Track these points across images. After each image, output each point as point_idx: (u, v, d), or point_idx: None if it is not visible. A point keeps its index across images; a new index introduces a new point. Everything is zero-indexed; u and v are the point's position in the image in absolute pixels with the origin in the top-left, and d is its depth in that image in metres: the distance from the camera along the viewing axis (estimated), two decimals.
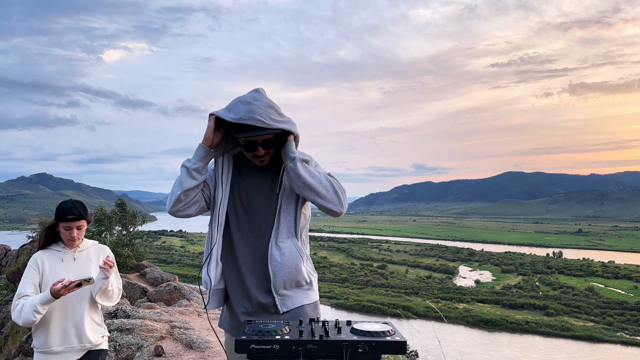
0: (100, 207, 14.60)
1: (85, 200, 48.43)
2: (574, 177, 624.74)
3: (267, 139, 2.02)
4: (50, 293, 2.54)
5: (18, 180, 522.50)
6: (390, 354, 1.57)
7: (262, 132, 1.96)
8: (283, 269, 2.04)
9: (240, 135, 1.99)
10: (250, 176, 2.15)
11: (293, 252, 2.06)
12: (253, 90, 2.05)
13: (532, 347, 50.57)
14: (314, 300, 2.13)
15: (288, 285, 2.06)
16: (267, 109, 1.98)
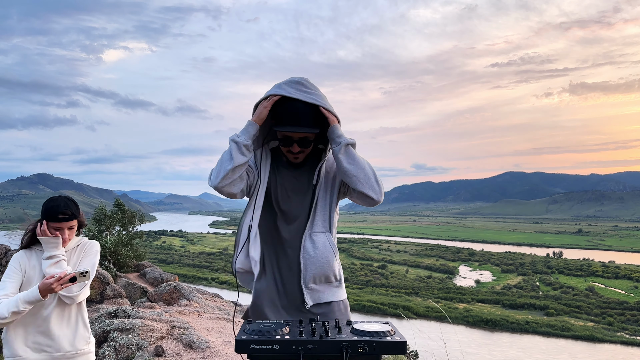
0: (101, 207, 14.58)
1: (85, 200, 48.56)
2: (574, 177, 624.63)
3: (304, 137, 2.00)
4: (38, 290, 2.23)
5: (18, 180, 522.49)
6: (391, 354, 1.57)
7: (300, 129, 1.95)
8: (315, 263, 2.02)
9: (279, 129, 1.98)
10: (287, 169, 2.14)
11: (326, 247, 2.05)
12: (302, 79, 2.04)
13: (534, 347, 50.54)
14: (342, 298, 2.12)
15: (317, 280, 2.04)
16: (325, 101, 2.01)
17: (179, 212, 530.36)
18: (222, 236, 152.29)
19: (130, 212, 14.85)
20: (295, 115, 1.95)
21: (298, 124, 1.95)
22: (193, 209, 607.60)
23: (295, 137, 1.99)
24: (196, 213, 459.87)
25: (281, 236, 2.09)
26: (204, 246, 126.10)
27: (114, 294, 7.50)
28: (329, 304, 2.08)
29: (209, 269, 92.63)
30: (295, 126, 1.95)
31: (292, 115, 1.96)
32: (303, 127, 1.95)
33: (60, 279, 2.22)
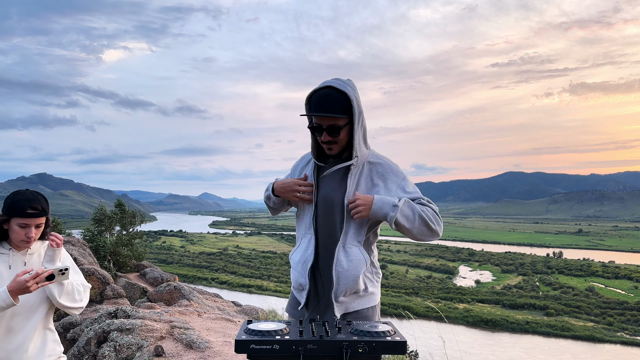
0: (101, 207, 14.58)
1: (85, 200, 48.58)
2: (574, 177, 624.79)
3: (332, 124, 2.00)
4: (8, 291, 1.90)
5: (18, 180, 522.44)
6: (391, 354, 1.57)
7: (325, 114, 1.97)
8: (348, 277, 2.05)
9: (308, 114, 2.04)
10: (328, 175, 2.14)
11: (360, 260, 2.08)
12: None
13: (536, 347, 50.51)
14: (370, 305, 2.16)
15: (347, 293, 2.07)
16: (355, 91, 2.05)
17: (179, 212, 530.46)
18: (222, 236, 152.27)
19: (131, 212, 14.85)
20: (324, 101, 1.98)
21: (324, 110, 1.97)
22: (193, 209, 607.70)
23: (324, 124, 2.00)
24: (196, 213, 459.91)
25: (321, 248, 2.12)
26: (204, 246, 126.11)
27: (114, 294, 7.50)
28: (356, 312, 2.13)
29: (209, 269, 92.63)
30: (321, 111, 1.97)
31: (320, 100, 1.98)
32: (329, 112, 1.96)
33: (37, 276, 1.94)
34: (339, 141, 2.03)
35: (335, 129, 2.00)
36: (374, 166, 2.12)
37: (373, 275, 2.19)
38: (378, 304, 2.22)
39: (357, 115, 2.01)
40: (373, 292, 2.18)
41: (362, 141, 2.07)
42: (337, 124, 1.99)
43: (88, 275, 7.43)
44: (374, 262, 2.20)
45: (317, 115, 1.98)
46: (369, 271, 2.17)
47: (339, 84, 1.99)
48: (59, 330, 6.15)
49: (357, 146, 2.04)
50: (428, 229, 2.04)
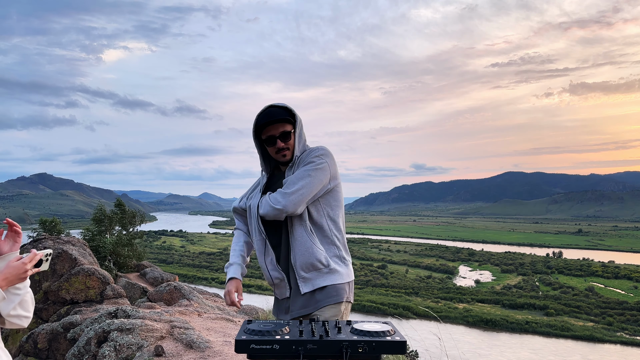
0: (100, 207, 14.58)
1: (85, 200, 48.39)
2: (574, 177, 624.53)
3: (283, 131, 2.31)
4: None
5: (18, 180, 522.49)
6: (390, 353, 1.57)
7: (275, 121, 2.28)
8: (301, 250, 2.30)
9: (261, 129, 2.32)
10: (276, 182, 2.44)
11: (304, 236, 2.30)
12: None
13: (544, 348, 50.49)
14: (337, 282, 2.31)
15: (306, 268, 2.29)
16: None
17: (179, 212, 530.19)
18: (222, 236, 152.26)
19: (131, 212, 14.85)
20: (269, 114, 2.30)
21: (273, 117, 2.28)
22: (193, 209, 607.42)
23: (276, 132, 2.30)
24: (196, 213, 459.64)
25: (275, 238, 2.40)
26: (204, 246, 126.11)
27: (114, 294, 7.50)
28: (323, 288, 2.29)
29: (209, 269, 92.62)
30: (271, 121, 2.28)
31: (265, 115, 2.31)
32: (278, 118, 2.28)
33: (33, 259, 1.81)
34: (290, 146, 2.34)
35: (286, 134, 2.31)
36: (302, 158, 2.36)
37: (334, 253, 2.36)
38: (348, 282, 2.36)
39: (299, 122, 2.36)
40: (337, 270, 2.32)
41: (302, 146, 2.38)
42: (286, 129, 2.31)
43: (88, 275, 7.44)
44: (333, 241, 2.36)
45: (271, 123, 2.29)
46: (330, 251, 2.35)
47: (278, 103, 2.35)
48: (59, 330, 6.16)
49: (297, 149, 2.35)
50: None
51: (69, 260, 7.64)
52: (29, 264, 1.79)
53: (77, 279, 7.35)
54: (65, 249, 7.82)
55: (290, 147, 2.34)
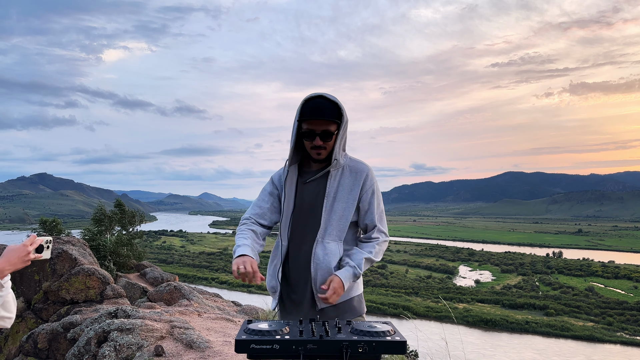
0: (100, 207, 14.57)
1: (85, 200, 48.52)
2: (574, 177, 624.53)
3: (326, 130, 2.17)
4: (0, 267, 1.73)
5: (18, 180, 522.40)
6: (391, 353, 1.57)
7: (322, 118, 2.13)
8: (323, 268, 2.20)
9: (302, 119, 2.16)
10: (308, 181, 2.31)
11: (335, 253, 2.23)
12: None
13: (547, 349, 50.47)
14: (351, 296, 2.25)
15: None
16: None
17: (179, 212, 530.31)
18: (222, 236, 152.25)
19: (131, 212, 14.84)
20: (317, 108, 2.15)
21: (320, 115, 2.14)
22: (193, 209, 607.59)
23: (317, 129, 2.16)
24: (196, 213, 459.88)
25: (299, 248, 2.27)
26: (204, 246, 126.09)
27: (114, 294, 7.50)
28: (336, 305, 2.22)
29: (209, 269, 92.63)
30: (317, 116, 2.13)
31: (314, 107, 2.15)
32: (325, 117, 2.14)
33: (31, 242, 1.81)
34: (327, 147, 2.20)
35: (328, 134, 2.17)
36: (352, 170, 2.28)
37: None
38: (360, 294, 2.33)
39: (344, 123, 2.20)
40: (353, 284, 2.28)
41: (342, 148, 2.25)
42: (330, 129, 2.17)
43: (88, 275, 7.44)
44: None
45: (315, 119, 2.14)
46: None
47: (329, 95, 2.18)
48: (59, 330, 6.16)
49: (337, 150, 2.21)
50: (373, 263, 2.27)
51: (69, 260, 7.64)
52: (30, 247, 1.78)
53: (77, 279, 7.35)
54: (65, 249, 7.82)
55: (328, 147, 2.21)
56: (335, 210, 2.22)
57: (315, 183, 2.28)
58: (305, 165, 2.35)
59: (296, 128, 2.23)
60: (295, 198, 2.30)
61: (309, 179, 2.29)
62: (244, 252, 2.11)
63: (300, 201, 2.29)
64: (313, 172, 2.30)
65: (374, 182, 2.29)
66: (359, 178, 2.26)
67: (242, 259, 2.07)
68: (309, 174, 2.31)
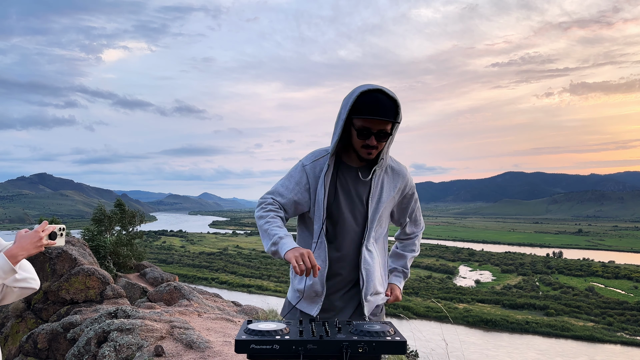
0: (100, 207, 14.57)
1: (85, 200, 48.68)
2: (574, 177, 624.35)
3: (383, 129, 1.97)
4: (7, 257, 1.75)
5: (18, 180, 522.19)
6: (391, 354, 1.57)
7: (381, 117, 1.92)
8: (374, 274, 2.13)
9: (359, 117, 1.95)
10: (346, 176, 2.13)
11: (381, 257, 2.21)
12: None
13: (550, 349, 50.43)
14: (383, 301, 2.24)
15: (374, 291, 2.14)
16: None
17: (179, 212, 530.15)
18: (222, 236, 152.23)
19: (131, 212, 14.83)
20: (377, 104, 1.92)
21: (380, 113, 1.92)
22: (193, 209, 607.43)
23: (374, 128, 1.96)
24: (196, 213, 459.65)
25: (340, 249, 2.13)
26: (204, 246, 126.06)
27: (114, 294, 7.50)
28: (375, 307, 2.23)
29: (209, 269, 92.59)
30: (377, 115, 1.92)
31: (373, 104, 1.92)
32: (385, 116, 1.92)
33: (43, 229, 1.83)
34: (379, 147, 2.01)
35: (384, 134, 1.98)
36: (394, 172, 2.17)
37: (386, 269, 2.29)
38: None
39: (399, 123, 2.00)
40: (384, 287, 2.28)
41: (390, 146, 2.10)
42: (387, 129, 1.97)
43: (88, 275, 7.44)
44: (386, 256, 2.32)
45: (375, 119, 1.92)
46: (384, 267, 2.28)
47: (388, 91, 1.96)
48: (59, 330, 6.16)
49: (386, 150, 2.06)
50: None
51: (68, 260, 7.64)
52: (42, 233, 1.80)
53: (77, 279, 7.35)
54: (65, 249, 7.82)
55: (379, 147, 2.02)
56: (378, 213, 2.12)
57: (360, 181, 2.12)
58: (345, 158, 2.14)
59: (344, 120, 2.00)
60: (336, 195, 2.11)
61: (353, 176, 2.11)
62: (294, 245, 1.93)
63: (342, 199, 2.11)
64: (355, 169, 2.12)
65: (413, 185, 2.24)
66: (400, 181, 2.17)
67: (299, 250, 1.87)
68: (350, 171, 2.12)
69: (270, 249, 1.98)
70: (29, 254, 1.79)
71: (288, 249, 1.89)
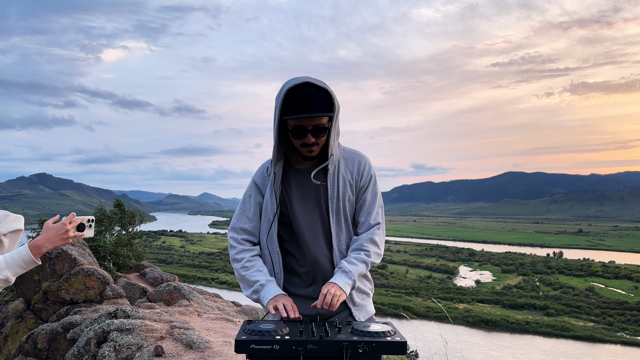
0: (100, 207, 14.56)
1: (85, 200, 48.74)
2: (575, 177, 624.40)
3: (318, 124, 1.81)
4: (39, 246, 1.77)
5: (18, 180, 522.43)
6: (391, 354, 1.56)
7: (312, 114, 1.76)
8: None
9: (288, 117, 1.78)
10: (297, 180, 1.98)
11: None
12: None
13: (554, 349, 50.46)
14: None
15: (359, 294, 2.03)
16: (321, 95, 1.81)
17: (178, 212, 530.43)
18: (222, 236, 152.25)
19: (130, 212, 14.83)
20: (306, 100, 1.76)
21: (310, 109, 1.76)
22: (193, 209, 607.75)
23: (308, 125, 1.80)
24: (196, 213, 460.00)
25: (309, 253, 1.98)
26: (204, 246, 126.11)
27: (114, 294, 7.49)
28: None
29: (208, 269, 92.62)
30: (307, 112, 1.75)
31: (301, 100, 1.76)
32: (316, 111, 1.76)
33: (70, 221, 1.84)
34: (320, 142, 1.86)
35: (320, 129, 1.82)
36: (348, 163, 1.99)
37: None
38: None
39: (337, 111, 1.84)
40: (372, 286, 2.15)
41: (337, 138, 1.93)
42: (322, 123, 1.82)
43: (88, 275, 7.43)
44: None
45: (306, 116, 1.76)
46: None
47: (317, 81, 1.79)
48: (58, 330, 6.15)
49: (332, 144, 1.88)
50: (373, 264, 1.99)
51: (68, 260, 7.63)
52: (69, 225, 1.80)
53: (76, 279, 7.34)
54: (65, 249, 7.81)
55: (320, 142, 1.86)
56: (341, 213, 1.96)
57: (303, 182, 1.96)
58: (293, 162, 1.99)
59: (278, 122, 1.82)
60: (291, 202, 1.97)
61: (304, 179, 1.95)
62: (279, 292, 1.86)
63: (299, 206, 1.97)
64: (305, 171, 1.96)
65: (371, 172, 2.01)
66: (355, 171, 1.98)
67: (279, 300, 1.81)
68: (301, 173, 1.97)
69: (252, 297, 1.93)
70: (54, 246, 1.80)
71: (269, 299, 1.84)
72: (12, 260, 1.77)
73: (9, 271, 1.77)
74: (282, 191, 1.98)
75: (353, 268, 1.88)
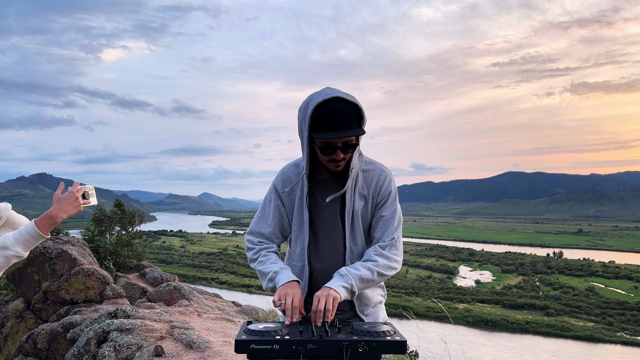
0: (100, 207, 14.57)
1: None
2: (575, 177, 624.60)
3: (347, 141, 1.78)
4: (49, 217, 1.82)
5: (18, 180, 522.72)
6: (391, 353, 1.56)
7: (343, 133, 1.72)
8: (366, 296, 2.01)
9: (319, 136, 1.74)
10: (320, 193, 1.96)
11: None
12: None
13: (560, 349, 50.47)
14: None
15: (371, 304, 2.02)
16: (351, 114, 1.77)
17: (178, 212, 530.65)
18: (222, 236, 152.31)
19: (130, 212, 14.83)
20: (337, 117, 1.72)
21: (341, 127, 1.73)
22: (193, 209, 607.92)
23: (337, 142, 1.77)
24: (196, 213, 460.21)
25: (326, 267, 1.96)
26: (204, 246, 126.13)
27: (114, 294, 7.49)
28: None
29: (208, 269, 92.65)
30: (339, 129, 1.72)
31: (331, 117, 1.72)
32: (347, 129, 1.73)
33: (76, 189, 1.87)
34: (347, 157, 1.83)
35: (350, 145, 1.79)
36: (367, 177, 1.94)
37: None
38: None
39: (364, 126, 1.80)
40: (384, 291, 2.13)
41: (358, 150, 1.89)
42: (352, 140, 1.78)
43: (88, 275, 7.43)
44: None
45: (339, 137, 1.72)
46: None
47: (346, 95, 1.75)
48: (58, 330, 6.15)
49: (355, 157, 1.85)
50: (385, 277, 1.92)
51: (68, 260, 7.63)
52: (77, 193, 1.85)
53: (76, 279, 7.34)
54: (65, 249, 7.81)
55: (347, 158, 1.83)
56: (356, 228, 1.94)
57: (330, 195, 1.94)
58: (314, 173, 1.97)
59: (308, 138, 1.80)
60: (311, 214, 1.97)
61: (327, 192, 1.94)
62: (291, 278, 1.81)
63: (317, 217, 1.96)
64: (324, 182, 1.95)
65: (391, 186, 1.95)
66: (374, 185, 1.94)
67: (286, 289, 1.77)
68: (324, 185, 1.95)
69: (268, 286, 1.88)
70: (68, 215, 1.84)
71: (282, 284, 1.80)
72: (20, 236, 1.82)
73: (19, 247, 1.81)
74: (309, 204, 1.98)
75: (352, 272, 1.83)
